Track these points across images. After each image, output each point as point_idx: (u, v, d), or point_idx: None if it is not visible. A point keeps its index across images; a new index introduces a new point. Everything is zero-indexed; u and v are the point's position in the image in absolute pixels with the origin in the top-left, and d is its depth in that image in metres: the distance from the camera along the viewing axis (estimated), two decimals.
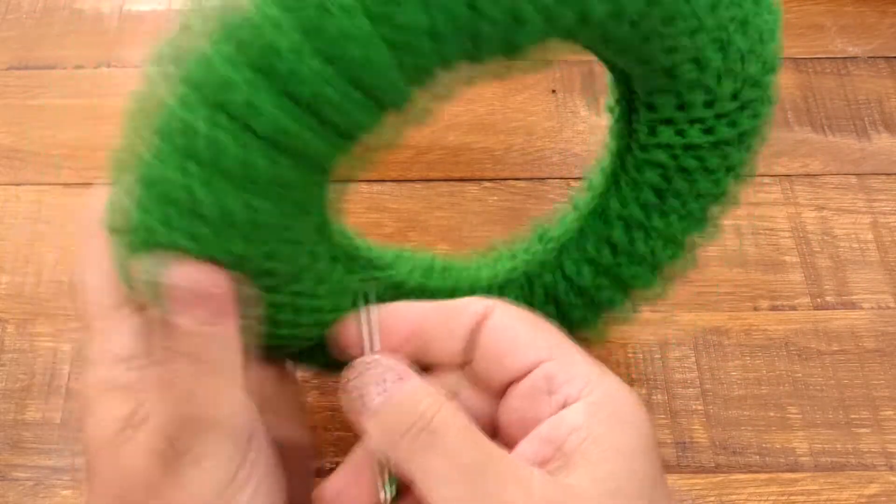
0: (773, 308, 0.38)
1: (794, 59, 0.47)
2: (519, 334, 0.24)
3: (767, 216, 0.41)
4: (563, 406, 0.22)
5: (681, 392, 0.36)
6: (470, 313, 0.24)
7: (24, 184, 0.42)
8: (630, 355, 0.37)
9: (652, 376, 0.36)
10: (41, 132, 0.44)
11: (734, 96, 0.26)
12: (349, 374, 0.23)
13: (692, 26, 0.23)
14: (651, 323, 0.37)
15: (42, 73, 0.46)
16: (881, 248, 0.40)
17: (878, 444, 0.34)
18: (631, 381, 0.36)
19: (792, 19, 0.48)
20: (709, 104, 0.26)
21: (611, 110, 0.29)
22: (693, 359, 0.36)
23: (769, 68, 0.27)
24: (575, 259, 0.30)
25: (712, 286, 0.39)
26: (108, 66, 0.46)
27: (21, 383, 0.36)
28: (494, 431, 0.24)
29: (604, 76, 0.46)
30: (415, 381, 0.22)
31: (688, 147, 0.27)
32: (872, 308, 0.38)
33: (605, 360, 0.36)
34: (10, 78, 0.46)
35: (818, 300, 0.38)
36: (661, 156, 0.27)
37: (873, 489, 0.33)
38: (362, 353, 0.24)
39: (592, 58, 0.25)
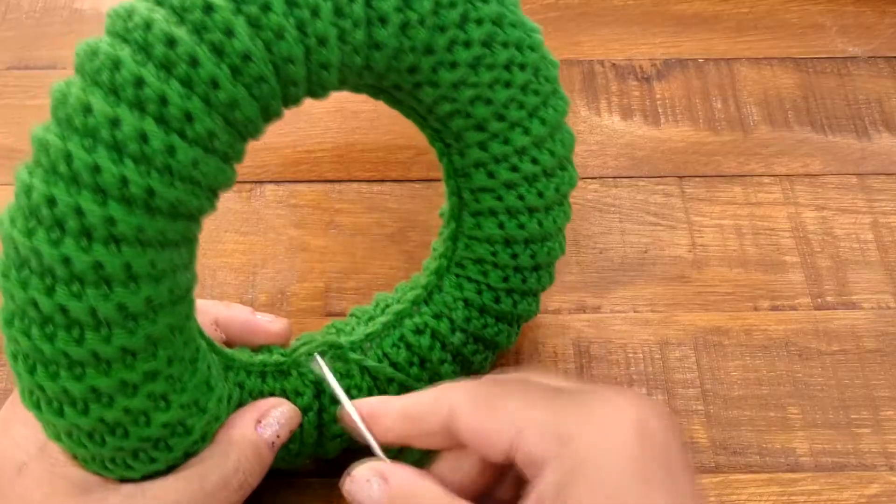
0: (774, 308, 0.38)
1: (795, 59, 0.47)
2: (486, 424, 0.24)
3: (768, 216, 0.41)
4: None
5: (681, 392, 0.35)
6: (437, 415, 0.25)
7: None
8: (630, 355, 0.36)
9: (652, 376, 0.36)
10: None
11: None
12: (344, 481, 0.25)
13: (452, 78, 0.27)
14: (651, 323, 0.37)
15: (42, 73, 0.46)
16: (881, 248, 0.40)
17: (879, 444, 0.34)
18: (631, 381, 0.36)
19: (792, 19, 0.48)
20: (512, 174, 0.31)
21: (442, 215, 0.33)
22: (693, 359, 0.36)
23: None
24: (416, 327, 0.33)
25: (712, 286, 0.39)
26: None
27: None
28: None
29: (604, 76, 0.46)
30: (392, 481, 0.24)
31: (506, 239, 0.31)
32: (873, 308, 0.38)
33: (605, 360, 0.36)
34: (10, 78, 0.46)
35: (818, 300, 0.38)
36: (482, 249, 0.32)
37: (874, 489, 0.33)
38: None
39: (592, 58, 0.26)
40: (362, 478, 0.25)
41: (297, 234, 0.40)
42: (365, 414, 0.26)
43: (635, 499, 0.21)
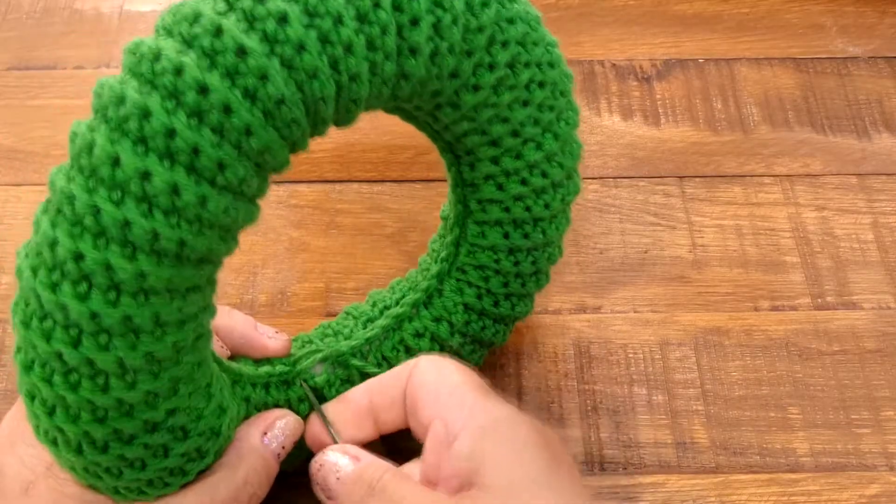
0: (774, 308, 0.38)
1: (795, 59, 0.47)
2: (428, 388, 0.28)
3: (768, 216, 0.41)
4: (454, 441, 0.26)
5: (681, 392, 0.35)
6: (402, 377, 0.29)
7: (24, 184, 0.42)
8: (630, 355, 0.36)
9: (652, 376, 0.36)
10: (41, 132, 0.44)
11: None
12: (313, 467, 0.28)
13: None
14: (651, 323, 0.37)
15: (42, 74, 0.46)
16: (882, 248, 0.40)
17: (879, 444, 0.34)
18: (631, 381, 0.36)
19: (792, 19, 0.48)
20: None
21: (443, 217, 0.34)
22: (693, 359, 0.36)
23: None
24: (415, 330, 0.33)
25: (713, 286, 0.39)
26: (108, 66, 0.46)
27: None
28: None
29: (604, 76, 0.46)
30: (364, 460, 0.27)
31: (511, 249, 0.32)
32: (873, 308, 0.38)
33: (605, 360, 0.36)
34: (10, 78, 0.46)
35: (819, 300, 0.38)
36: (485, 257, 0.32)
37: (874, 489, 0.33)
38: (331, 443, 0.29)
39: (593, 58, 0.26)
40: (331, 459, 0.27)
41: (298, 234, 0.40)
42: (335, 401, 0.30)
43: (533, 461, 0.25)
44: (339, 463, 0.27)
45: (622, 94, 0.45)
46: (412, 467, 0.28)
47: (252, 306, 0.38)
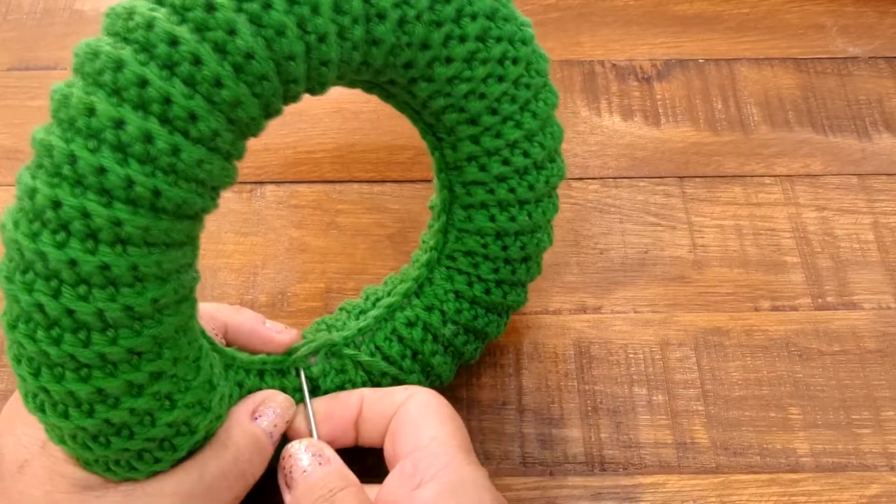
0: (774, 308, 0.38)
1: (795, 59, 0.47)
2: (415, 422, 0.28)
3: (768, 216, 0.41)
4: (419, 486, 0.26)
5: (681, 392, 0.35)
6: (394, 403, 0.29)
7: None
8: (631, 356, 0.36)
9: (652, 377, 0.36)
10: None
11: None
12: (284, 453, 0.28)
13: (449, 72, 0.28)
14: (652, 323, 0.37)
15: (42, 74, 0.46)
16: (882, 248, 0.40)
17: (880, 444, 0.34)
18: (631, 382, 0.36)
19: (792, 19, 0.48)
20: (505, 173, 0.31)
21: (432, 207, 0.34)
22: (694, 359, 0.36)
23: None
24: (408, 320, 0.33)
25: (713, 286, 0.39)
26: None
27: None
28: None
29: (605, 76, 0.46)
30: (333, 465, 0.28)
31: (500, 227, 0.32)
32: (873, 308, 0.38)
33: (606, 360, 0.36)
34: (11, 79, 0.46)
35: (819, 300, 0.38)
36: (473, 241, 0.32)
37: (874, 490, 0.33)
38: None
39: (593, 58, 0.26)
40: (298, 452, 0.28)
41: (298, 234, 0.40)
42: (328, 398, 0.31)
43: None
44: (310, 458, 0.28)
45: (622, 94, 0.45)
46: (370, 489, 0.28)
47: (252, 307, 0.38)
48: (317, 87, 0.25)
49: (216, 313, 0.31)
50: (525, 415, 0.35)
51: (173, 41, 0.21)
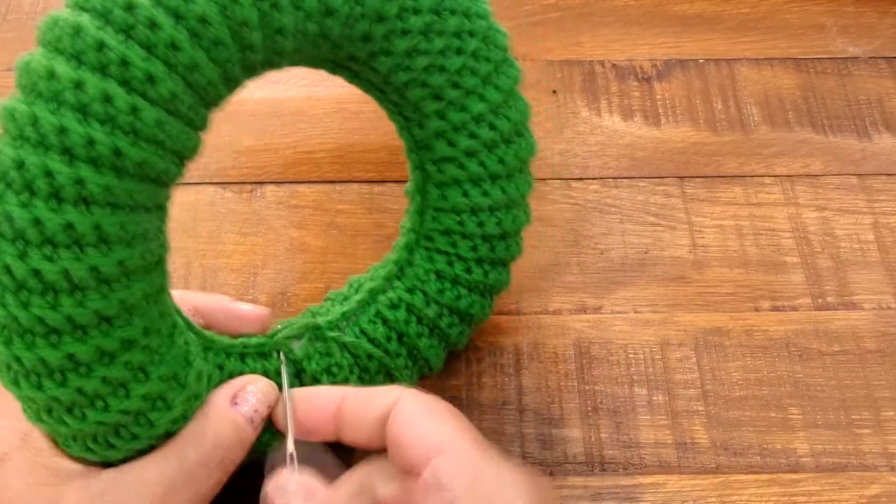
0: (774, 308, 0.38)
1: (795, 59, 0.47)
2: (417, 427, 0.26)
3: (768, 216, 0.41)
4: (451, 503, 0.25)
5: (682, 393, 0.35)
6: (381, 403, 0.27)
7: None
8: (631, 356, 0.36)
9: (653, 377, 0.36)
10: None
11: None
12: (271, 483, 0.27)
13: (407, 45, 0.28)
14: (652, 323, 0.37)
15: None
16: (882, 248, 0.40)
17: (880, 444, 0.34)
18: (632, 382, 0.36)
19: (792, 19, 0.48)
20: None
21: (407, 193, 0.34)
22: (694, 359, 0.36)
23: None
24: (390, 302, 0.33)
25: (713, 287, 0.39)
26: None
27: None
28: None
29: (605, 76, 0.46)
30: (318, 498, 0.26)
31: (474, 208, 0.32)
32: (873, 308, 0.38)
33: (606, 360, 0.36)
34: (11, 79, 0.46)
35: (819, 301, 0.38)
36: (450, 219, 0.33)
37: (874, 490, 0.33)
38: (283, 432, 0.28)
39: (593, 58, 0.26)
40: (291, 488, 0.27)
41: (298, 234, 0.40)
42: (306, 391, 0.29)
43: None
44: (296, 496, 0.27)
45: (622, 94, 0.45)
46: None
47: None
48: (275, 59, 0.26)
49: (184, 296, 0.31)
50: (525, 415, 0.35)
51: (129, 6, 0.22)
